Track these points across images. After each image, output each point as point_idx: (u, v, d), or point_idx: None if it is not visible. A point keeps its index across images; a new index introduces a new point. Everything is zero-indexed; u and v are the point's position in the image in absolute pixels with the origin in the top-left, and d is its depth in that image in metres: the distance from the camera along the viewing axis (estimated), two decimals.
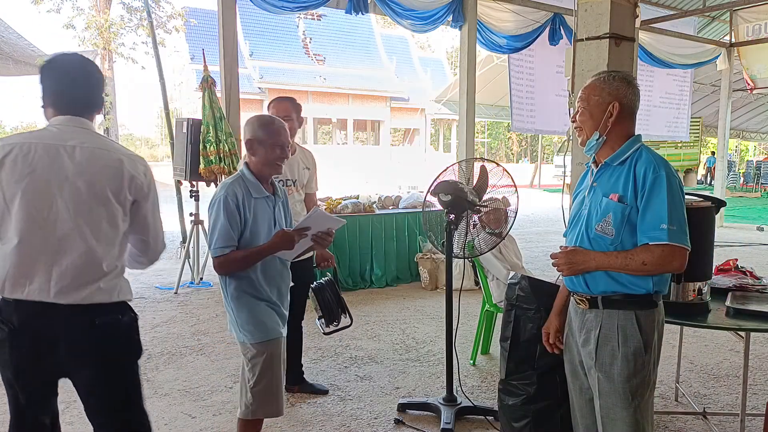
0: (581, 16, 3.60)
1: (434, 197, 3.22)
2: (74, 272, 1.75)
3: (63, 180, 1.75)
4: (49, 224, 1.74)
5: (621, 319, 1.91)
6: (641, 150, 1.94)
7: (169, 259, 7.92)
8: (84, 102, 1.86)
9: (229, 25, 5.97)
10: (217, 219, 2.27)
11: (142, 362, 2.27)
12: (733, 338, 3.63)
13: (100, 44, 19.00)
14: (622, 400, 1.91)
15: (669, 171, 1.86)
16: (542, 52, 8.73)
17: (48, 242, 1.74)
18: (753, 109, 18.45)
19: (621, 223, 1.88)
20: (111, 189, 1.80)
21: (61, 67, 1.84)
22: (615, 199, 1.89)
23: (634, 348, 1.89)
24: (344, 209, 6.19)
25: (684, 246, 1.83)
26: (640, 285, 1.89)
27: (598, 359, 1.94)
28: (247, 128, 2.38)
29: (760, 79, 11.17)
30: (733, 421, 3.16)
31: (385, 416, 3.25)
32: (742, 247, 9.17)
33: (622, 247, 1.89)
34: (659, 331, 1.97)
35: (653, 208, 1.83)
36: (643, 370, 1.91)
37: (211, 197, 2.38)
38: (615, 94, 1.96)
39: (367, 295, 5.93)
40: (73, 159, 1.77)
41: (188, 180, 6.00)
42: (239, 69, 6.38)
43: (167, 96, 7.44)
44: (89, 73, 1.88)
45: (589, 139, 1.99)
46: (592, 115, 1.99)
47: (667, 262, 1.83)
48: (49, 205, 1.74)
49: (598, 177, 1.99)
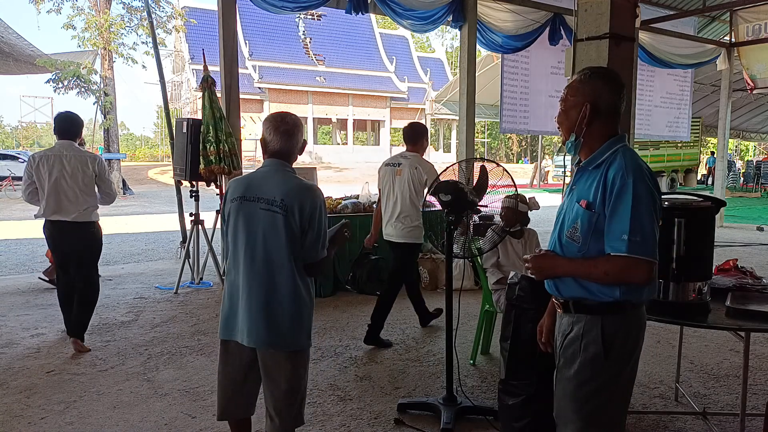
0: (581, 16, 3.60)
1: (434, 197, 3.22)
2: (74, 208, 4.15)
3: (63, 169, 4.14)
4: (60, 190, 4.13)
5: (587, 325, 1.85)
6: (617, 153, 1.84)
7: (169, 260, 7.93)
8: (71, 134, 4.28)
9: (229, 25, 5.98)
10: (323, 218, 2.25)
11: (142, 362, 3.94)
12: (733, 338, 3.62)
13: (100, 44, 18.99)
14: (572, 404, 1.87)
15: (638, 177, 1.76)
16: (537, 52, 8.72)
17: (60, 197, 4.13)
18: (753, 109, 18.45)
19: (588, 230, 1.82)
20: (84, 170, 4.19)
21: (61, 118, 4.27)
22: (583, 206, 1.83)
23: (593, 354, 1.83)
24: (344, 209, 6.19)
25: (646, 258, 1.73)
26: (606, 293, 1.82)
27: (561, 362, 1.92)
28: (299, 132, 2.32)
29: (760, 79, 11.17)
30: (733, 421, 3.16)
31: (385, 416, 3.25)
32: (742, 247, 9.17)
33: (588, 254, 1.83)
34: (631, 340, 1.86)
35: (617, 217, 1.75)
36: (600, 378, 1.83)
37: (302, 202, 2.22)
38: (589, 94, 1.88)
39: (367, 295, 5.92)
40: (68, 160, 4.16)
41: (188, 180, 6.00)
42: (239, 69, 6.38)
43: (167, 96, 7.45)
44: (73, 120, 4.29)
45: (567, 140, 1.94)
46: (568, 116, 1.93)
47: (629, 274, 1.76)
48: (58, 181, 4.12)
49: (577, 180, 1.93)
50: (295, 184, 2.23)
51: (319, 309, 5.42)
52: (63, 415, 3.22)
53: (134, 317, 5.09)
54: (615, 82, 1.90)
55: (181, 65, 31.00)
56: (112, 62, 19.74)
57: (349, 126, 34.23)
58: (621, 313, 1.83)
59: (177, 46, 31.07)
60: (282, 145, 2.26)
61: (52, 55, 16.00)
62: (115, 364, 4.00)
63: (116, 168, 19.51)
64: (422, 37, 45.31)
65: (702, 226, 2.46)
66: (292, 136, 2.28)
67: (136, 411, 3.28)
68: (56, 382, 3.69)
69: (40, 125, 41.23)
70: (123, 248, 9.16)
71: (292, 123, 2.30)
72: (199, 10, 28.31)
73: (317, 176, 6.11)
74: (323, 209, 2.26)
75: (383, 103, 33.70)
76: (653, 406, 3.40)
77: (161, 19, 20.43)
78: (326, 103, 31.93)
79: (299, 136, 2.32)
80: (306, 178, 2.39)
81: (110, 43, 19.03)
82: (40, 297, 5.80)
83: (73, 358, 4.10)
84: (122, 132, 35.60)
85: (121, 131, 38.24)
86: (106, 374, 3.81)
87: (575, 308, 1.88)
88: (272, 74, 29.72)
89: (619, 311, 1.83)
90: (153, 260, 8.05)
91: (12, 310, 5.37)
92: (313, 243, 2.23)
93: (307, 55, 32.07)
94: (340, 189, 12.89)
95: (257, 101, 29.14)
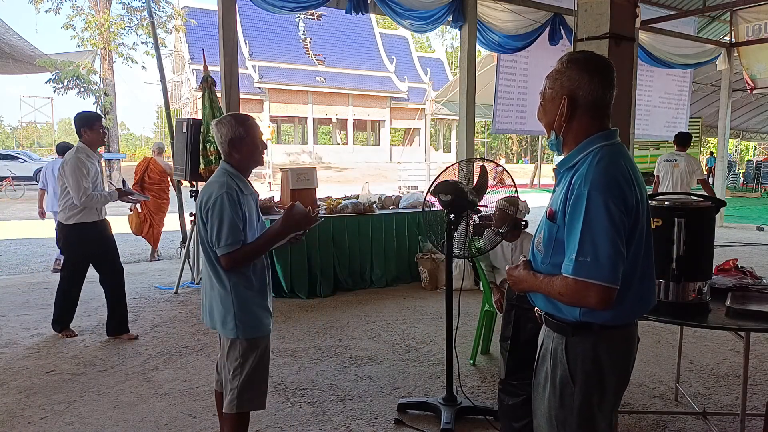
0: (581, 16, 3.60)
1: (434, 197, 3.22)
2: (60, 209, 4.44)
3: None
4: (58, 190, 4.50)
5: (554, 342, 1.68)
6: (590, 155, 1.60)
7: (169, 259, 7.93)
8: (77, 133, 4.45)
9: (229, 25, 5.97)
10: (222, 215, 2.25)
11: (142, 362, 3.76)
12: (733, 338, 3.63)
13: (99, 44, 18.97)
14: (548, 425, 1.72)
15: (598, 188, 1.51)
16: (536, 52, 8.71)
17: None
18: (753, 109, 18.43)
19: (549, 242, 1.64)
20: (60, 174, 4.38)
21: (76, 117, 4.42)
22: (549, 215, 1.65)
23: (561, 376, 1.66)
24: (344, 209, 6.18)
25: (597, 283, 1.49)
26: (568, 311, 1.63)
27: (536, 377, 1.77)
28: (224, 129, 2.38)
29: (760, 79, 11.17)
30: (733, 421, 3.16)
31: (385, 416, 3.25)
32: (742, 247, 9.17)
33: (550, 268, 1.65)
34: (601, 365, 1.63)
35: (572, 233, 1.55)
36: (572, 403, 1.65)
37: (201, 200, 2.35)
38: (567, 86, 1.63)
39: (367, 295, 5.93)
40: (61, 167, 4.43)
41: (188, 180, 6.00)
42: (239, 69, 6.38)
43: (167, 96, 7.45)
44: (76, 121, 4.39)
45: (549, 139, 1.72)
46: (547, 112, 1.71)
47: (580, 297, 1.53)
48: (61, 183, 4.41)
49: (557, 183, 1.71)
50: (207, 182, 2.40)
51: (319, 309, 5.43)
52: (63, 415, 3.22)
53: (134, 317, 5.08)
54: (597, 68, 1.63)
55: (181, 65, 30.98)
56: (111, 62, 19.73)
57: (349, 126, 34.20)
58: (587, 335, 1.63)
59: (177, 46, 31.06)
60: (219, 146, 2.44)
61: (52, 56, 15.99)
62: (115, 364, 4.00)
63: (116, 168, 19.50)
64: (422, 37, 45.32)
65: (702, 226, 2.46)
66: (217, 135, 2.41)
67: (136, 411, 3.28)
68: (56, 382, 3.69)
69: (40, 125, 41.20)
70: (123, 248, 9.10)
71: (216, 122, 2.43)
72: (199, 10, 28.30)
73: (317, 176, 6.11)
74: (219, 204, 2.25)
75: (383, 103, 33.69)
76: (653, 406, 3.40)
77: (161, 19, 20.44)
78: (326, 103, 31.91)
79: (219, 136, 2.39)
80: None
81: (110, 43, 19.03)
82: (40, 297, 5.80)
83: (73, 358, 4.10)
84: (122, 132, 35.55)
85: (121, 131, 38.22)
86: (106, 374, 3.81)
87: (546, 323, 1.74)
88: (272, 74, 29.71)
89: (584, 332, 1.63)
90: (153, 261, 8.04)
91: (12, 310, 5.36)
92: (210, 238, 2.30)
93: (307, 55, 32.05)
94: (340, 189, 12.90)
95: (257, 101, 29.12)
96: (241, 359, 2.36)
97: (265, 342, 2.44)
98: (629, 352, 1.71)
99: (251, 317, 2.37)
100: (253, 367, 2.37)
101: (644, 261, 1.65)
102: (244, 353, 2.36)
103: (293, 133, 38.71)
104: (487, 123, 32.47)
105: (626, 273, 1.56)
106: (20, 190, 19.45)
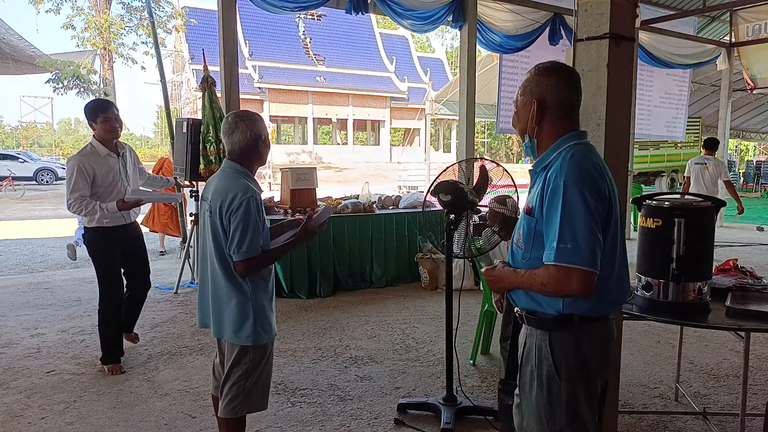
0: (581, 16, 3.59)
1: (434, 197, 3.22)
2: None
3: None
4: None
5: (538, 339, 1.74)
6: (563, 152, 1.70)
7: (169, 260, 7.93)
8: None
9: (229, 25, 5.97)
10: (249, 220, 2.21)
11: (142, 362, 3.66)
12: (733, 338, 3.63)
13: (99, 44, 18.98)
14: (537, 424, 1.76)
15: (573, 179, 1.61)
16: (537, 52, 8.71)
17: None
18: (753, 109, 18.44)
19: (529, 236, 1.72)
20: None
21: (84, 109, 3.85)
22: (526, 211, 1.73)
23: (547, 371, 1.71)
24: (344, 209, 6.19)
25: (579, 267, 1.57)
26: (550, 304, 1.70)
27: (521, 378, 1.80)
28: (254, 127, 2.34)
29: (760, 79, 11.17)
30: (733, 421, 3.16)
31: (385, 416, 3.25)
32: (742, 247, 9.17)
33: (531, 262, 1.72)
34: (584, 358, 1.70)
35: (550, 223, 1.62)
36: (559, 398, 1.70)
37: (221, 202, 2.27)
38: (537, 91, 1.74)
39: (367, 295, 5.93)
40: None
41: (188, 180, 6.00)
42: (239, 69, 6.38)
43: (167, 96, 7.45)
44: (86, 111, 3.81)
45: (524, 143, 1.82)
46: (520, 118, 1.81)
47: (563, 284, 1.60)
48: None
49: (533, 183, 1.79)
50: (222, 184, 2.31)
51: (319, 309, 5.43)
52: (63, 415, 3.23)
53: None
54: (562, 74, 1.75)
55: (181, 65, 30.98)
56: (111, 62, 19.75)
57: (349, 126, 34.21)
58: (568, 329, 1.70)
59: (177, 46, 31.06)
60: (227, 146, 2.37)
61: (52, 56, 16.00)
62: None
63: None
64: (422, 37, 45.31)
65: (702, 226, 2.46)
66: (229, 135, 2.35)
67: (136, 411, 3.28)
68: (56, 382, 3.69)
69: (40, 125, 41.23)
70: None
71: (230, 122, 2.37)
72: (199, 10, 28.29)
73: (317, 176, 6.11)
74: (245, 209, 2.21)
75: (383, 103, 33.69)
76: (653, 406, 3.40)
77: (161, 19, 20.44)
78: (326, 103, 31.91)
79: (238, 135, 2.34)
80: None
81: (110, 43, 19.04)
82: (40, 297, 5.80)
83: (73, 358, 4.10)
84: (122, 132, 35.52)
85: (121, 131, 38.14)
86: (106, 374, 3.81)
87: (527, 321, 1.78)
88: (272, 74, 29.71)
89: (566, 326, 1.70)
90: (153, 260, 8.04)
91: (12, 310, 5.36)
92: (230, 242, 2.25)
93: (307, 55, 32.05)
94: (340, 189, 12.91)
95: (257, 101, 29.12)
96: (250, 364, 2.35)
97: (272, 344, 2.45)
98: (608, 346, 1.79)
99: (266, 322, 2.37)
100: (261, 371, 2.37)
101: (620, 251, 1.75)
102: (254, 359, 2.35)
103: (293, 133, 38.72)
104: (488, 123, 32.50)
105: (603, 263, 1.64)
106: (20, 190, 19.46)
